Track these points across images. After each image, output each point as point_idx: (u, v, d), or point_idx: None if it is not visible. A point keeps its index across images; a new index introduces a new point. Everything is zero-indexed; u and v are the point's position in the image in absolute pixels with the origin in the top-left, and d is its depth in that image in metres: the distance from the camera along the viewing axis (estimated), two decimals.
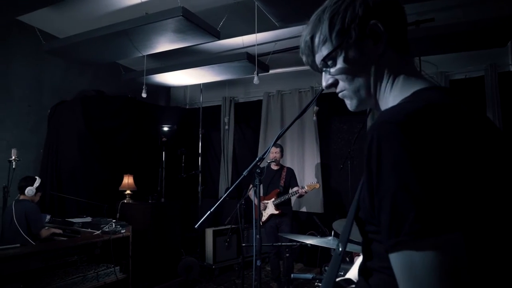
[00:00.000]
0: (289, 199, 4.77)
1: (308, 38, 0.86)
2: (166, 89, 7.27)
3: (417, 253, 0.58)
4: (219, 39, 4.26)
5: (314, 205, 5.78)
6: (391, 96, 0.80)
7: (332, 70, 0.84)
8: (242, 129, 6.90)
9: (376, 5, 0.78)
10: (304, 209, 5.89)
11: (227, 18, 4.24)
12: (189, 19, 3.62)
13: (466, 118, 0.68)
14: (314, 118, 5.71)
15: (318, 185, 4.69)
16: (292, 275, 1.95)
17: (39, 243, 3.64)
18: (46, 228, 4.01)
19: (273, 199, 4.72)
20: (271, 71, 5.50)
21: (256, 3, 3.72)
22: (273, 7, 3.74)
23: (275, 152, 4.77)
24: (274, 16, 3.94)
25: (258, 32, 4.34)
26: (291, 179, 4.84)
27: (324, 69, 0.86)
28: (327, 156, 5.94)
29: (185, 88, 7.36)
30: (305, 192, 4.61)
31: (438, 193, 0.58)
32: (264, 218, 4.75)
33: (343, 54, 0.81)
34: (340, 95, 0.88)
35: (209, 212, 2.07)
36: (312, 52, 0.87)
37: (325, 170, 5.88)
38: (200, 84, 6.44)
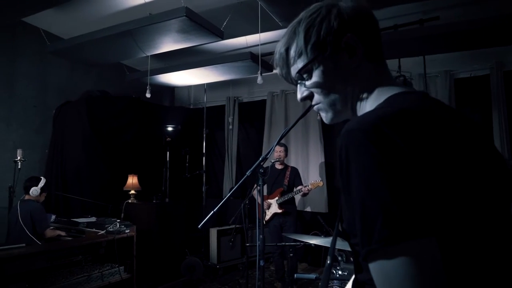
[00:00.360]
0: (293, 198, 4.76)
1: (283, 50, 0.85)
2: (171, 89, 7.29)
3: (389, 260, 0.56)
4: (223, 39, 4.26)
5: (318, 204, 5.77)
6: (367, 106, 0.80)
7: (307, 83, 0.83)
8: (246, 129, 6.90)
9: (351, 18, 0.78)
10: (308, 209, 5.88)
11: (231, 18, 4.24)
12: (193, 19, 3.62)
13: (437, 122, 0.66)
14: (318, 117, 5.68)
15: (321, 183, 4.67)
16: (295, 275, 1.94)
17: (44, 243, 3.65)
18: (51, 228, 4.03)
19: (276, 198, 4.72)
20: (275, 71, 5.49)
21: (259, 3, 3.72)
22: (277, 7, 3.73)
23: (279, 151, 4.77)
24: (277, 15, 3.93)
25: (262, 32, 4.34)
26: (296, 178, 4.83)
27: (299, 81, 0.85)
28: (332, 155, 5.92)
29: (189, 88, 7.38)
30: (309, 190, 4.60)
31: (406, 198, 0.56)
32: (267, 217, 4.75)
33: (318, 67, 0.80)
34: (315, 108, 0.87)
35: (212, 212, 2.07)
36: (286, 64, 0.86)
37: (330, 170, 5.86)
38: (204, 84, 6.45)
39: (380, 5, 3.77)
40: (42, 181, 3.97)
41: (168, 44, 4.31)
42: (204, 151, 6.53)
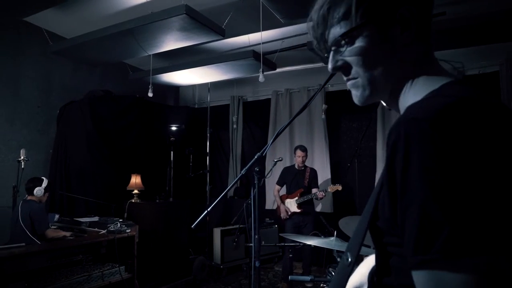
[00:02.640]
0: (312, 200, 4.80)
1: (326, 7, 0.73)
2: (175, 89, 7.28)
3: (449, 274, 0.49)
4: (224, 37, 4.22)
5: (324, 205, 5.70)
6: (411, 91, 0.71)
7: (347, 51, 0.72)
8: (250, 128, 6.85)
9: None
10: (317, 209, 5.81)
11: (232, 16, 4.20)
12: (193, 17, 3.59)
13: (505, 117, 0.57)
14: (323, 116, 5.62)
15: (340, 187, 4.70)
16: (290, 277, 1.89)
17: (45, 243, 3.65)
18: (54, 228, 4.03)
19: (296, 198, 4.76)
20: (279, 69, 5.44)
21: (261, 0, 3.68)
22: (278, 4, 3.69)
23: (302, 156, 4.86)
24: (279, 13, 3.89)
25: (264, 30, 4.29)
26: (313, 180, 4.89)
27: (334, 48, 0.75)
28: (337, 155, 5.85)
29: (193, 87, 7.36)
30: (323, 196, 4.69)
31: (478, 207, 0.49)
32: (287, 214, 4.83)
33: (365, 35, 0.70)
34: (349, 83, 0.76)
35: (206, 212, 2.03)
36: (324, 24, 0.74)
37: (335, 169, 5.79)
38: (208, 83, 6.43)
39: None
40: (45, 182, 3.97)
41: (170, 43, 4.28)
42: (208, 151, 6.50)
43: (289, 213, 4.77)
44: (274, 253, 5.52)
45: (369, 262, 0.97)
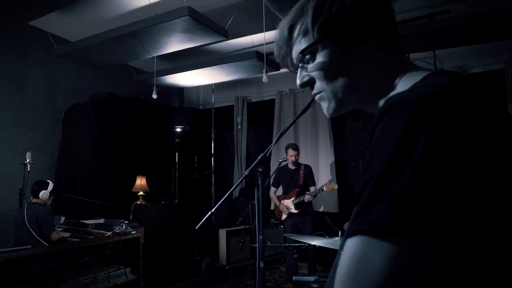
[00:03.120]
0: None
1: (286, 28, 0.77)
2: (179, 90, 7.29)
3: (374, 245, 0.49)
4: (228, 38, 4.23)
5: (329, 205, 5.68)
6: (381, 91, 0.72)
7: (310, 66, 0.75)
8: (255, 128, 6.85)
9: (365, 0, 0.71)
10: (318, 209, 5.79)
11: (235, 17, 4.20)
12: (196, 19, 3.60)
13: (490, 107, 0.57)
14: (328, 116, 5.60)
15: (336, 186, 4.66)
16: (294, 277, 1.89)
17: (51, 245, 3.67)
18: (60, 230, 4.06)
19: (292, 198, 4.71)
20: (282, 70, 5.44)
21: (263, 1, 3.67)
22: (281, 4, 3.67)
23: (294, 155, 4.78)
24: (282, 13, 3.86)
25: (267, 30, 4.28)
26: (308, 177, 4.83)
27: (300, 64, 0.77)
28: (342, 155, 5.83)
29: (197, 89, 7.37)
30: (314, 195, 4.62)
31: (434, 193, 0.49)
32: (284, 217, 4.77)
33: (324, 50, 0.73)
34: (316, 97, 0.78)
35: (210, 212, 2.04)
36: (288, 44, 0.78)
37: (340, 169, 5.77)
38: (212, 84, 6.44)
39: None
40: (51, 185, 4.00)
41: (173, 45, 4.29)
42: (213, 152, 6.51)
43: (287, 212, 4.73)
44: (280, 253, 5.51)
45: None
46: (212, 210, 2.04)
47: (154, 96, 4.72)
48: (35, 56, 5.01)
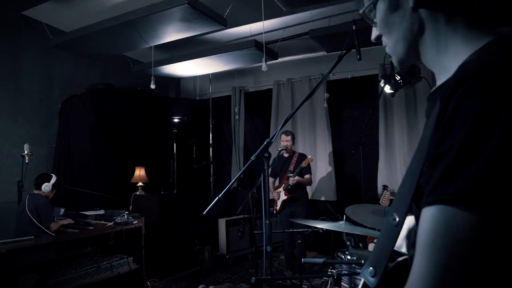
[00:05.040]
0: (303, 186, 4.70)
1: None
2: (176, 81, 7.26)
3: (460, 214, 0.51)
4: (226, 27, 4.21)
5: (327, 192, 5.73)
6: (451, 50, 0.70)
7: (376, 22, 0.79)
8: (252, 118, 6.85)
9: None
10: (317, 197, 5.83)
11: (234, 6, 4.18)
12: (195, 7, 3.59)
13: None
14: (325, 105, 5.62)
15: (311, 158, 4.59)
16: (303, 259, 1.91)
17: (54, 235, 3.67)
18: (57, 221, 4.06)
19: (283, 185, 4.67)
20: (280, 59, 5.44)
21: None
22: None
23: (286, 141, 4.70)
24: (281, 1, 3.86)
25: (266, 19, 4.28)
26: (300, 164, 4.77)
27: (371, 20, 0.81)
28: (339, 143, 5.87)
29: (194, 79, 7.34)
30: (294, 178, 4.49)
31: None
32: (278, 207, 4.71)
33: (378, 7, 0.76)
34: (386, 50, 0.81)
35: (217, 198, 2.05)
36: (360, 3, 0.81)
37: (338, 157, 5.80)
38: (209, 74, 6.42)
39: None
40: (54, 178, 4.01)
41: (171, 34, 4.27)
42: (211, 142, 6.51)
43: (280, 202, 4.66)
44: (279, 242, 5.55)
45: (407, 223, 0.97)
46: (220, 196, 2.05)
47: (152, 86, 4.70)
48: (30, 47, 4.95)
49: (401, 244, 0.98)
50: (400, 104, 5.26)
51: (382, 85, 3.99)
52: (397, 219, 0.70)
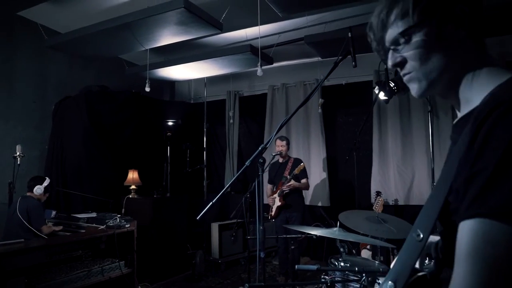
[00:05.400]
0: (298, 190, 4.67)
1: (384, 12, 0.82)
2: (171, 84, 7.25)
3: (499, 226, 0.56)
4: (222, 31, 4.21)
5: (320, 198, 5.73)
6: (476, 83, 0.76)
7: (405, 48, 0.80)
8: (247, 122, 6.85)
9: None
10: (310, 203, 5.83)
11: (230, 10, 4.19)
12: (191, 11, 3.59)
13: None
14: (320, 110, 5.64)
15: (303, 165, 4.57)
16: (296, 266, 1.90)
17: (43, 238, 3.63)
18: (51, 224, 4.02)
19: (278, 191, 4.66)
20: (275, 64, 5.45)
21: None
22: None
23: (281, 146, 4.69)
24: (277, 6, 3.88)
25: (261, 24, 4.29)
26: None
27: (393, 46, 0.83)
28: (333, 149, 5.88)
29: (189, 82, 7.34)
30: (289, 184, 4.49)
31: None
32: (273, 213, 4.68)
33: (420, 33, 0.77)
34: (406, 78, 0.83)
35: (211, 203, 2.03)
36: (383, 27, 0.83)
37: (331, 163, 5.82)
38: (204, 78, 6.42)
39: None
40: (47, 181, 3.98)
41: (167, 37, 4.27)
42: (205, 146, 6.50)
43: (275, 207, 4.64)
44: (272, 247, 5.54)
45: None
46: (214, 201, 2.03)
47: (147, 89, 4.68)
48: (24, 48, 4.91)
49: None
50: (394, 111, 5.30)
51: (376, 91, 4.02)
52: (421, 235, 0.75)
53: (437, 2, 0.76)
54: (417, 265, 1.02)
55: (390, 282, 0.75)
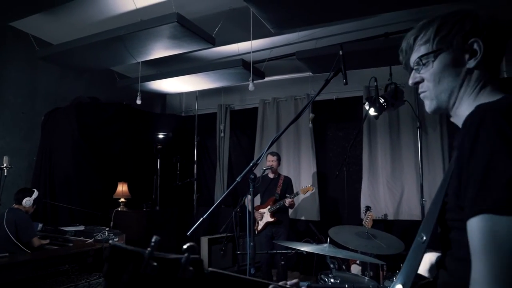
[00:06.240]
0: (286, 207, 4.69)
1: (412, 37, 0.96)
2: (162, 97, 7.24)
3: (504, 219, 0.64)
4: (214, 45, 4.24)
5: (310, 213, 5.73)
6: (470, 101, 0.88)
7: (423, 69, 0.93)
8: (237, 136, 6.86)
9: (485, 26, 0.87)
10: (300, 217, 5.83)
11: (222, 25, 4.23)
12: (184, 25, 3.61)
13: None
14: (310, 125, 5.68)
15: (312, 188, 4.62)
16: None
17: (30, 252, 3.55)
18: (38, 237, 3.95)
19: (269, 207, 4.65)
20: (266, 78, 5.49)
21: (251, 9, 3.72)
22: (269, 13, 3.72)
23: (272, 161, 4.73)
24: (269, 22, 3.92)
25: (254, 39, 4.33)
26: (288, 188, 4.79)
27: (415, 67, 0.96)
28: (324, 164, 5.90)
29: (180, 95, 7.34)
30: (290, 202, 4.53)
31: None
32: (260, 227, 4.67)
33: (438, 59, 0.90)
34: (421, 95, 0.97)
35: (202, 219, 2.02)
36: (410, 50, 0.97)
37: (321, 178, 5.83)
38: (195, 91, 6.43)
39: (373, 12, 3.80)
40: (35, 193, 3.92)
41: (159, 50, 4.28)
42: (195, 159, 6.48)
43: (263, 223, 4.65)
44: (257, 262, 5.50)
45: (429, 258, 1.14)
46: (204, 216, 2.02)
47: (138, 101, 4.68)
48: (15, 58, 4.88)
49: (425, 269, 1.13)
50: (383, 126, 5.35)
51: (366, 107, 4.06)
52: (424, 238, 0.85)
53: (454, 34, 0.88)
54: (427, 274, 1.12)
55: (399, 285, 0.83)
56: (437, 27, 0.90)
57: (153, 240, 0.56)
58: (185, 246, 0.57)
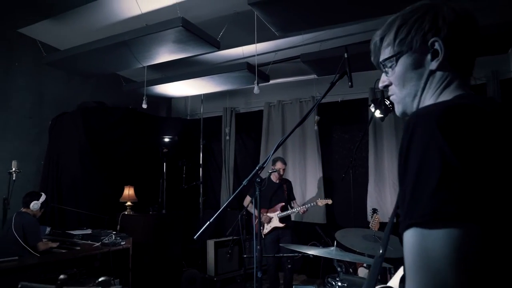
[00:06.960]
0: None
1: (378, 38, 0.91)
2: (167, 100, 7.28)
3: (429, 235, 0.59)
4: (219, 49, 4.26)
5: (316, 215, 5.72)
6: (431, 102, 0.83)
7: (390, 72, 0.89)
8: (243, 139, 6.87)
9: (445, 23, 0.80)
10: (306, 220, 5.82)
11: (227, 29, 4.25)
12: (189, 30, 3.63)
13: (499, 121, 0.68)
14: (316, 127, 5.68)
15: (330, 201, 4.69)
16: (294, 286, 1.90)
17: (38, 256, 3.58)
18: (45, 240, 3.97)
19: (278, 212, 4.67)
20: (271, 81, 5.49)
21: (255, 13, 3.73)
22: (273, 17, 3.73)
23: (282, 169, 4.78)
24: (273, 25, 3.93)
25: (258, 42, 4.34)
26: (290, 192, 4.87)
27: (384, 69, 0.91)
28: (329, 166, 5.89)
29: (186, 99, 7.37)
30: (304, 211, 4.68)
31: (459, 183, 0.59)
32: (266, 231, 4.68)
33: (400, 62, 0.86)
34: (391, 98, 0.93)
35: (208, 222, 2.03)
36: (378, 51, 0.92)
37: (327, 180, 5.82)
38: (200, 95, 6.45)
39: (377, 15, 3.79)
40: (43, 197, 3.95)
41: (165, 55, 4.31)
42: (201, 162, 6.49)
43: (270, 227, 4.67)
44: (262, 266, 5.50)
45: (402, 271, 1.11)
46: (211, 220, 2.03)
47: (144, 105, 4.71)
48: (22, 63, 4.94)
49: None
50: (389, 128, 5.33)
51: (372, 109, 4.06)
52: (381, 251, 0.84)
53: (413, 35, 0.82)
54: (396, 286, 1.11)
55: None
56: (397, 29, 0.85)
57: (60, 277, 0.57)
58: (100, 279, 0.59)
